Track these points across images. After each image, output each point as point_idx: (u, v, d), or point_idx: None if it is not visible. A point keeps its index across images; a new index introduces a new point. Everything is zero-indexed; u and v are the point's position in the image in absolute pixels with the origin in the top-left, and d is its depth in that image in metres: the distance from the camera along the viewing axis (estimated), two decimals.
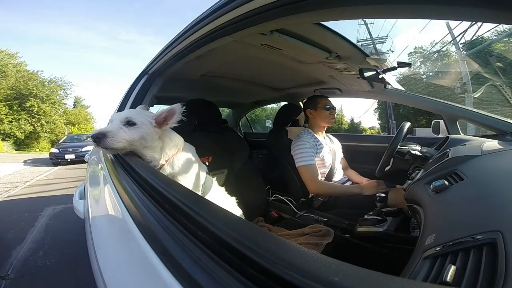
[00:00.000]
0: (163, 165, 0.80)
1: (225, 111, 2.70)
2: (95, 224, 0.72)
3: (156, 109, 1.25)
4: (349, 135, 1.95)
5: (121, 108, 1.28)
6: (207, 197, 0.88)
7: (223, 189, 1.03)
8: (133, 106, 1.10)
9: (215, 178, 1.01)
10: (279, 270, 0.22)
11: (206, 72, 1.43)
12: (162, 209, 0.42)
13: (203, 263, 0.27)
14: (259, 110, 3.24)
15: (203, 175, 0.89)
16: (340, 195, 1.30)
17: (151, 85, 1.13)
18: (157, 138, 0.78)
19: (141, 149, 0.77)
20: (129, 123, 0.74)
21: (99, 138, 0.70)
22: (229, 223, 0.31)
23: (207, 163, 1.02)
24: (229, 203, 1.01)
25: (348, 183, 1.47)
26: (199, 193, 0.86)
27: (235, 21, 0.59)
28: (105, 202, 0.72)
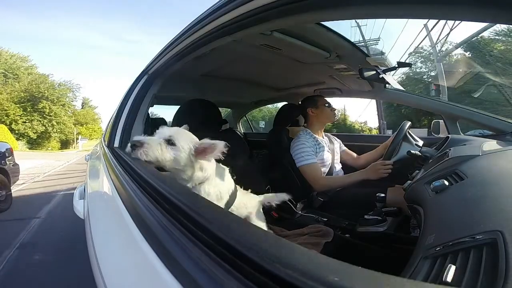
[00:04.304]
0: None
1: (225, 111, 2.70)
2: (95, 224, 0.72)
3: (156, 109, 1.25)
4: (350, 135, 1.95)
5: (121, 107, 1.28)
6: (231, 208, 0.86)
7: (246, 193, 1.01)
8: (133, 106, 1.10)
9: None
10: (279, 270, 0.22)
11: (206, 72, 1.43)
12: (162, 209, 0.42)
13: (203, 263, 0.27)
14: (256, 111, 3.26)
15: (228, 196, 0.86)
16: (346, 186, 1.29)
17: (151, 85, 1.13)
18: (190, 165, 0.76)
19: (171, 168, 0.76)
20: (169, 142, 0.73)
21: (136, 146, 0.70)
22: (229, 223, 0.31)
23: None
24: (248, 205, 0.98)
25: None
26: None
27: (235, 21, 0.59)
28: (105, 202, 0.73)
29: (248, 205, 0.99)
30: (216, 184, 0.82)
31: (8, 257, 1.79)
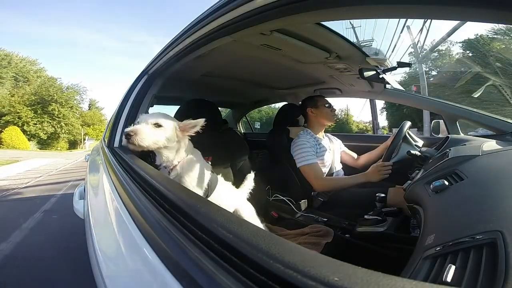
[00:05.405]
0: (175, 166, 0.87)
1: (225, 111, 2.70)
2: (95, 225, 0.72)
3: (156, 109, 1.26)
4: (350, 135, 1.95)
5: (121, 107, 1.28)
6: (213, 194, 0.93)
7: (229, 184, 1.08)
8: (133, 106, 1.10)
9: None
10: (279, 270, 0.22)
11: (206, 72, 1.43)
12: (162, 209, 0.42)
13: (203, 263, 0.27)
14: (255, 112, 3.27)
15: (208, 175, 0.93)
16: (346, 187, 1.29)
17: (151, 85, 1.13)
18: (176, 140, 0.86)
19: (162, 149, 0.84)
20: (157, 125, 0.82)
21: (130, 135, 0.77)
22: (229, 223, 0.31)
23: (209, 163, 1.04)
24: (236, 196, 1.05)
25: None
26: (202, 192, 0.89)
27: (235, 21, 0.59)
28: (105, 203, 0.72)
29: (235, 196, 1.05)
30: (196, 161, 0.91)
31: (37, 216, 2.91)
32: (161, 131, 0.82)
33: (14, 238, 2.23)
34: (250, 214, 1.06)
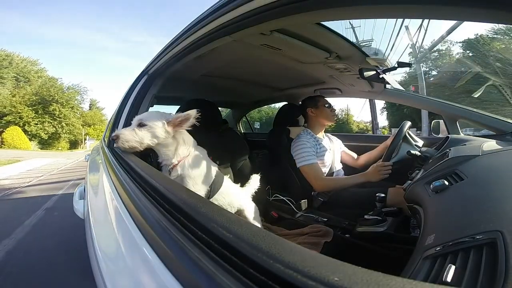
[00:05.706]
0: (175, 165, 0.85)
1: (225, 111, 2.70)
2: (95, 225, 0.72)
3: (156, 109, 1.26)
4: (350, 135, 1.95)
5: (121, 108, 1.28)
6: (218, 194, 0.92)
7: (238, 185, 1.07)
8: (133, 106, 1.10)
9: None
10: (279, 270, 0.21)
11: (206, 72, 1.43)
12: (162, 208, 0.42)
13: (203, 263, 0.27)
14: (255, 112, 3.26)
15: (212, 176, 0.92)
16: (346, 187, 1.29)
17: (151, 85, 1.13)
18: (170, 137, 0.85)
19: (156, 146, 0.84)
20: (141, 125, 0.82)
21: (113, 140, 0.82)
22: (229, 223, 0.31)
23: (217, 162, 1.03)
24: (241, 196, 1.04)
25: None
26: (204, 193, 0.88)
27: (235, 21, 0.59)
28: (105, 202, 0.72)
29: (238, 196, 1.03)
30: (199, 160, 0.89)
31: (39, 214, 3.05)
32: (145, 130, 0.81)
33: (17, 234, 2.34)
34: (253, 215, 1.05)
